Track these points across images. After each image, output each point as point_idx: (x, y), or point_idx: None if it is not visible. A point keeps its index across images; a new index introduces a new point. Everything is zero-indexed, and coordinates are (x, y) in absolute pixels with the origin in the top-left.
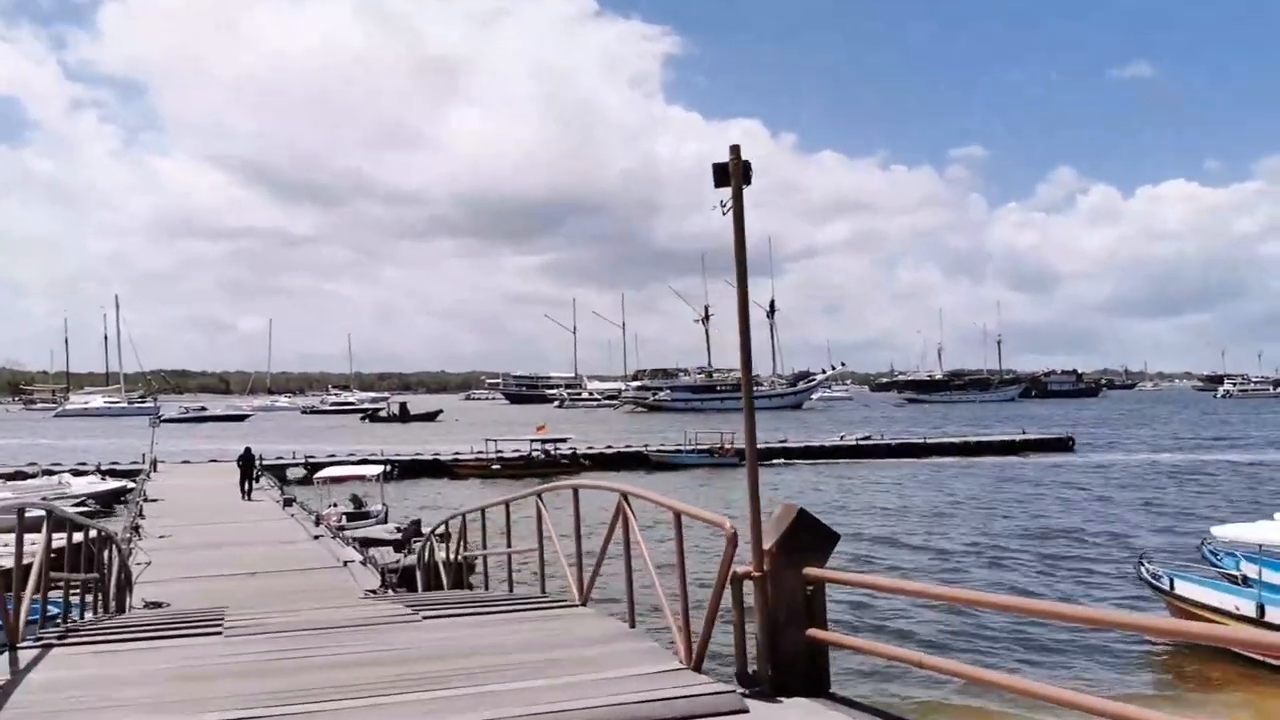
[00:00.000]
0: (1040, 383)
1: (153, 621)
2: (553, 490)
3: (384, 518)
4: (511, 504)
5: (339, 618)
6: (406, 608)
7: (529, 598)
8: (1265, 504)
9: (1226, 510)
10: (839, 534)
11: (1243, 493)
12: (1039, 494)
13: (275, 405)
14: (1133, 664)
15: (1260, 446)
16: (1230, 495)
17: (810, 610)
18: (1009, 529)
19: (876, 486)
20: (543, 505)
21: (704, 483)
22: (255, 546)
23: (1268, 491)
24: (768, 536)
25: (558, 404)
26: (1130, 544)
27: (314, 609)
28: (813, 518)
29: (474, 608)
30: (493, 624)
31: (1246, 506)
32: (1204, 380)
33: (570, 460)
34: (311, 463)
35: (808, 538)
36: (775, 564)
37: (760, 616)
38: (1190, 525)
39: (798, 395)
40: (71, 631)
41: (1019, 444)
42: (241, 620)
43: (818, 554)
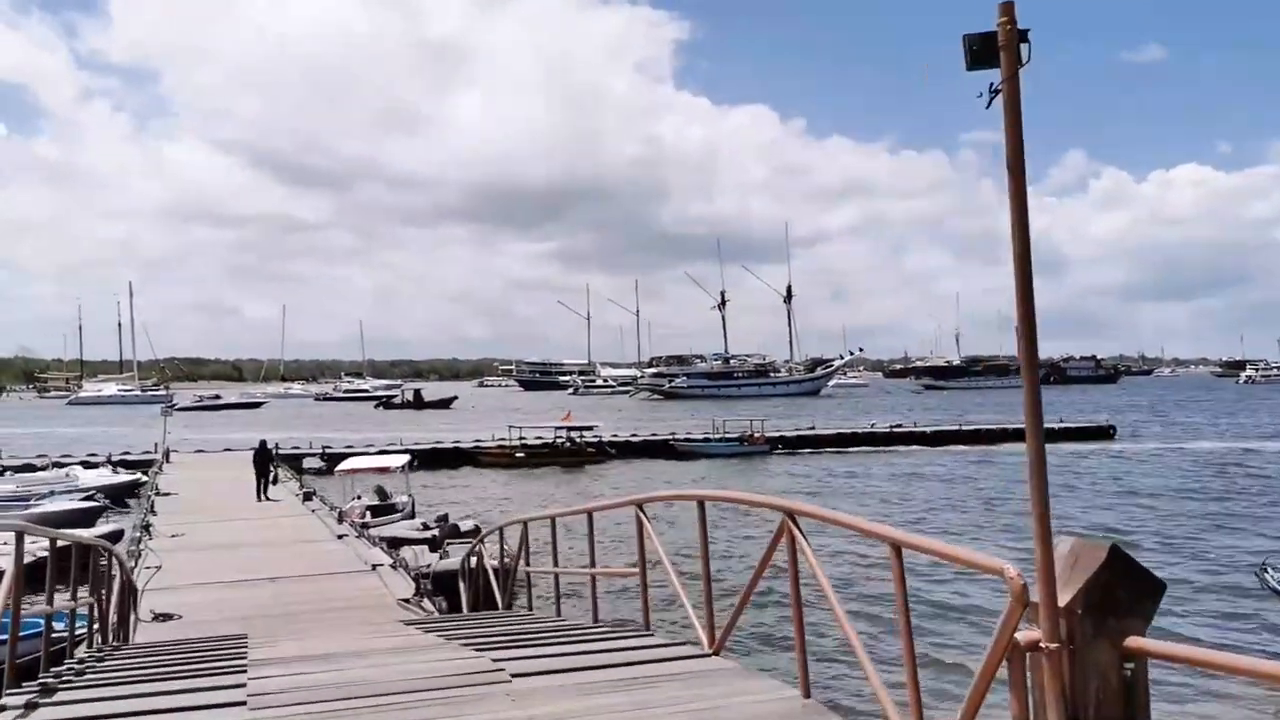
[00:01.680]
0: (1059, 369)
1: (155, 666)
2: (663, 500)
3: (410, 511)
4: (563, 515)
5: (394, 676)
6: (474, 651)
7: (631, 632)
8: None
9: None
10: (1164, 582)
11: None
12: (1092, 486)
13: (289, 393)
14: None
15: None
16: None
17: (1130, 699)
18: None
19: (938, 477)
20: (644, 516)
21: (737, 472)
22: (274, 547)
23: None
24: (1064, 588)
25: (572, 391)
26: (1216, 545)
27: (356, 646)
28: (1130, 560)
29: (565, 650)
30: (609, 690)
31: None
32: (1223, 366)
33: (596, 448)
34: (329, 453)
35: (1126, 591)
36: (1078, 630)
37: (1055, 706)
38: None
39: (815, 382)
40: (50, 686)
41: (1058, 432)
42: (267, 666)
43: (1139, 614)
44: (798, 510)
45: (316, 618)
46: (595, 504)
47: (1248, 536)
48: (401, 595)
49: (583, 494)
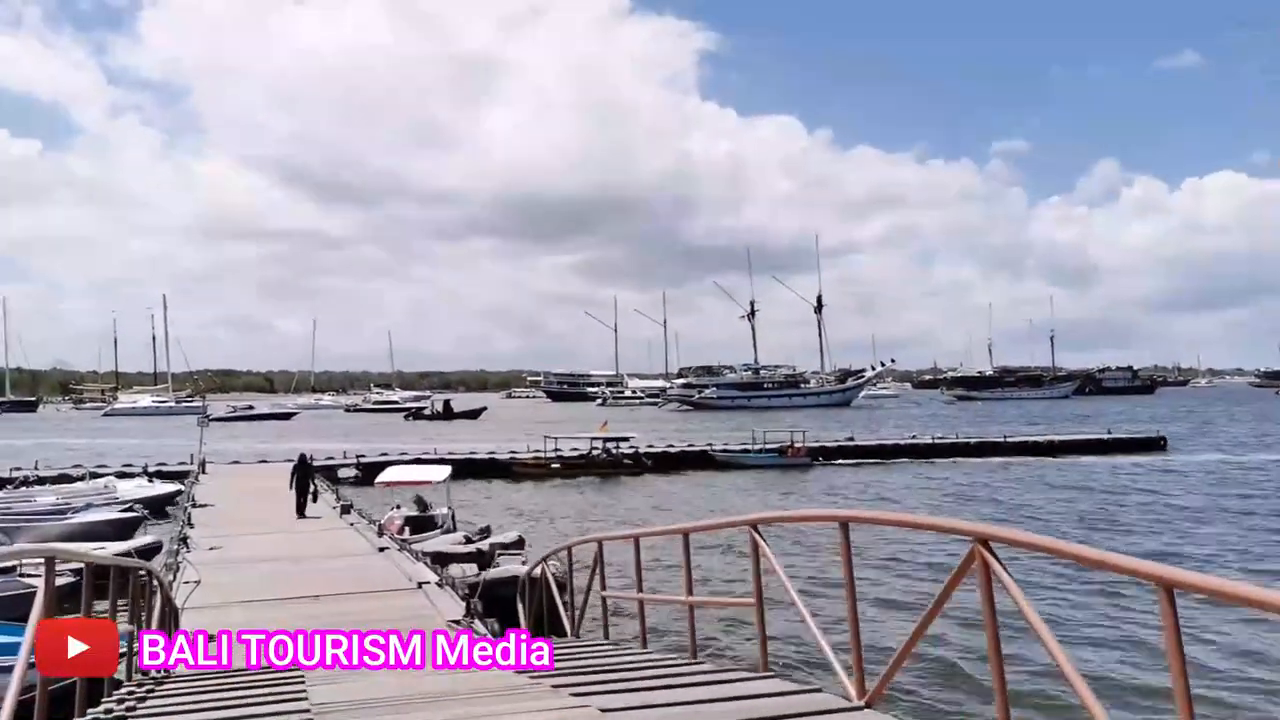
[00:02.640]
0: (1094, 379)
1: (206, 705)
2: (790, 521)
3: (451, 524)
4: (649, 535)
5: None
6: (572, 696)
7: (747, 673)
8: None
9: None
10: None
11: None
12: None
13: (319, 404)
14: None
15: None
16: None
17: None
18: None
19: (1006, 489)
20: (760, 538)
21: (783, 485)
22: (314, 562)
23: None
24: None
25: (600, 402)
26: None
27: (429, 687)
28: None
29: (680, 696)
30: None
31: None
32: (1262, 376)
33: (633, 460)
34: (364, 463)
35: None
36: None
37: None
38: None
39: (846, 393)
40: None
41: (1109, 443)
42: (334, 715)
43: None
44: (995, 536)
45: None
46: (694, 524)
47: None
48: (451, 616)
49: (621, 506)
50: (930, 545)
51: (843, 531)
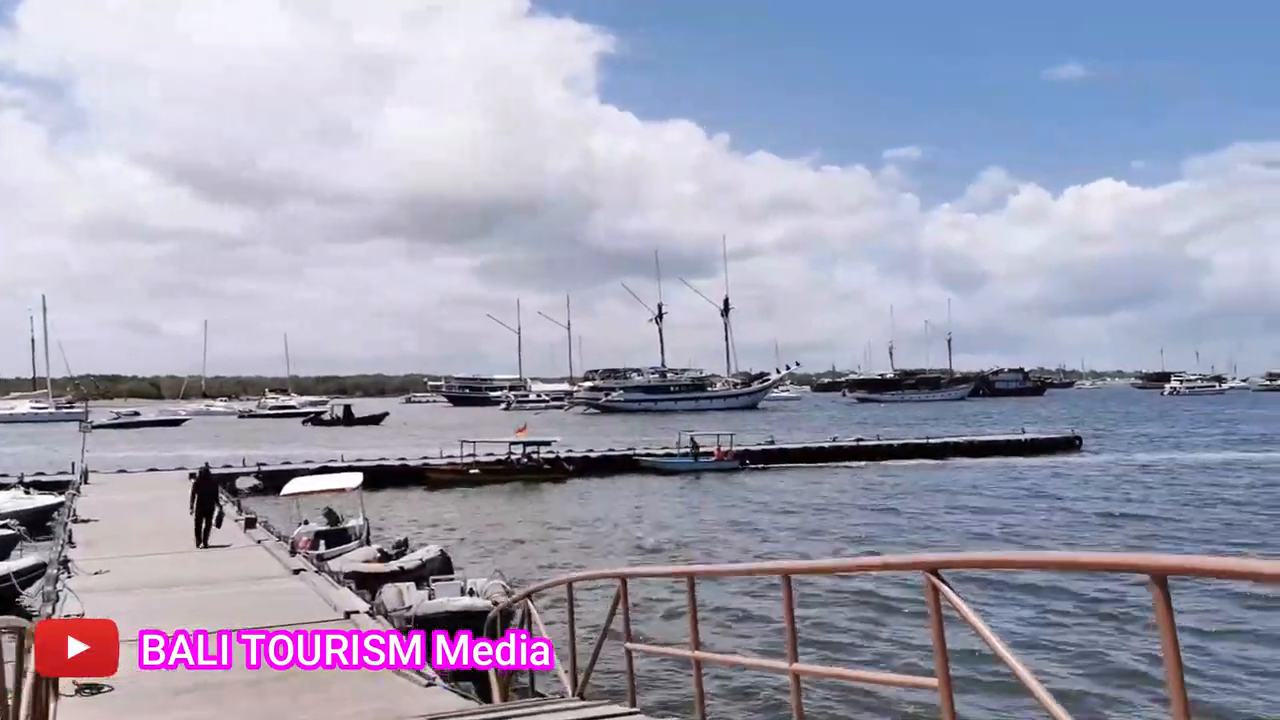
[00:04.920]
0: (988, 381)
1: None
2: (982, 568)
3: (366, 537)
4: (731, 574)
5: None
6: None
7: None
8: None
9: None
10: None
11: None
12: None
13: (211, 410)
14: None
15: (1271, 444)
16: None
17: None
18: None
19: (941, 491)
20: (943, 583)
21: (714, 491)
22: (219, 588)
23: None
24: None
25: (504, 406)
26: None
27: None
28: None
29: None
30: None
31: None
32: (1144, 378)
33: (553, 465)
34: (265, 471)
35: None
36: None
37: None
38: None
39: (753, 395)
40: None
41: (1025, 444)
42: None
43: None
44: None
45: (293, 698)
46: (808, 563)
47: None
48: None
49: (547, 513)
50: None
51: (1162, 593)
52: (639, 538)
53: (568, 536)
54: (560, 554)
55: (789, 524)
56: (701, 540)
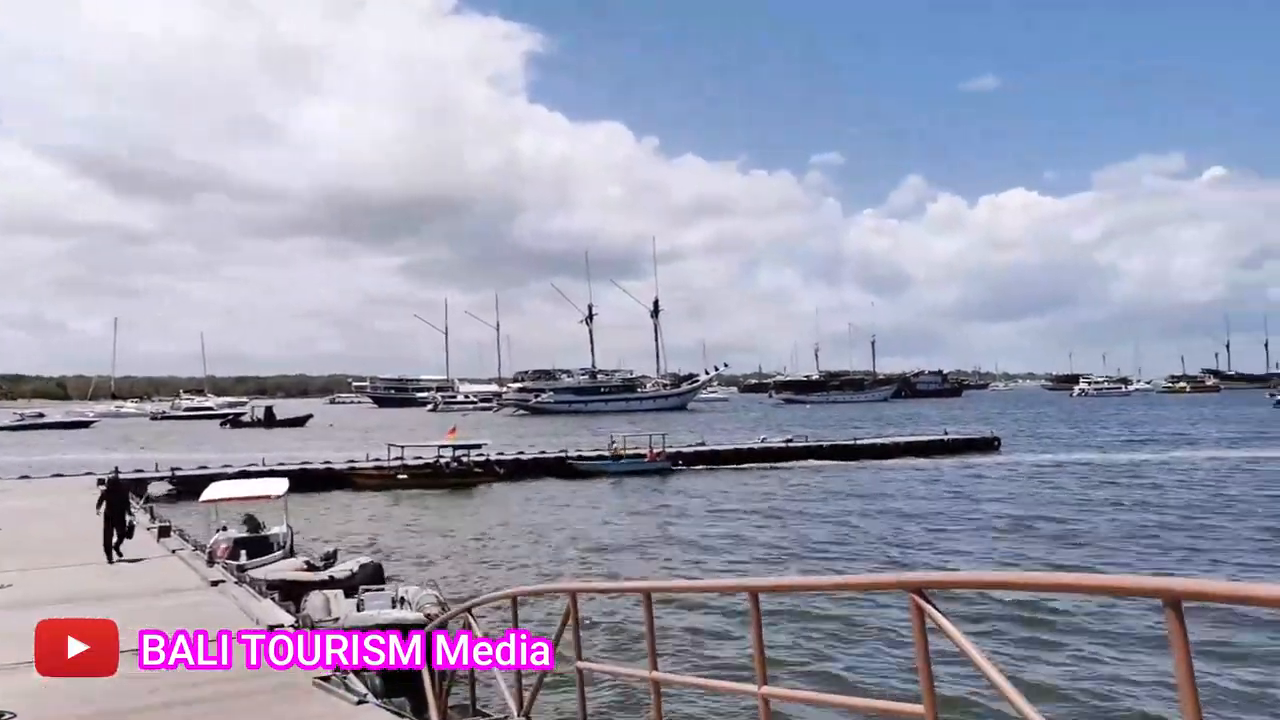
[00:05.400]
0: (910, 383)
1: None
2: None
3: (289, 547)
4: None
5: None
6: None
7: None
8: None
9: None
10: None
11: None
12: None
13: (121, 411)
14: None
15: (1177, 443)
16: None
17: None
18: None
19: (873, 494)
20: (928, 604)
21: (648, 493)
22: (130, 601)
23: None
24: None
25: (431, 407)
26: None
27: None
28: None
29: None
30: None
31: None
32: (1054, 380)
33: (484, 468)
34: (180, 476)
35: None
36: None
37: None
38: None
39: (682, 396)
40: None
41: (947, 444)
42: None
43: None
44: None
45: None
46: (779, 580)
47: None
48: (319, 673)
49: (479, 519)
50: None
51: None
52: (578, 544)
53: (503, 543)
54: (496, 562)
55: (732, 529)
56: (643, 547)
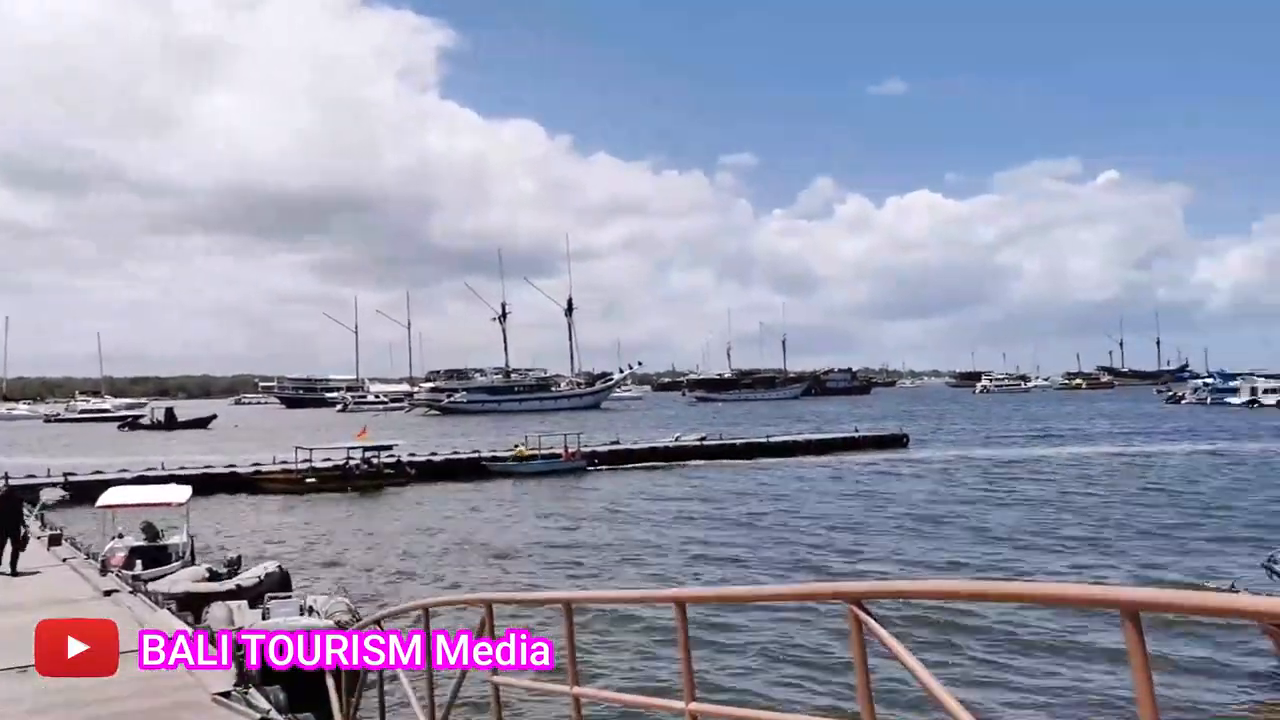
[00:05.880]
0: (820, 381)
1: None
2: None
3: (190, 555)
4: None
5: None
6: None
7: None
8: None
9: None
10: None
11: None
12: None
13: (12, 413)
14: None
15: (1075, 439)
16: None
17: None
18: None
19: (789, 492)
20: (866, 615)
21: (564, 493)
22: (16, 615)
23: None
24: None
25: (340, 408)
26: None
27: None
28: None
29: None
30: None
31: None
32: (958, 377)
33: (396, 470)
34: (74, 481)
35: None
36: None
37: None
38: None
39: (596, 395)
40: None
41: (858, 440)
42: None
43: None
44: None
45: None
46: (710, 590)
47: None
48: (217, 688)
49: (391, 523)
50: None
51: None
52: (492, 549)
53: (416, 548)
54: (408, 568)
55: (653, 533)
56: (561, 552)
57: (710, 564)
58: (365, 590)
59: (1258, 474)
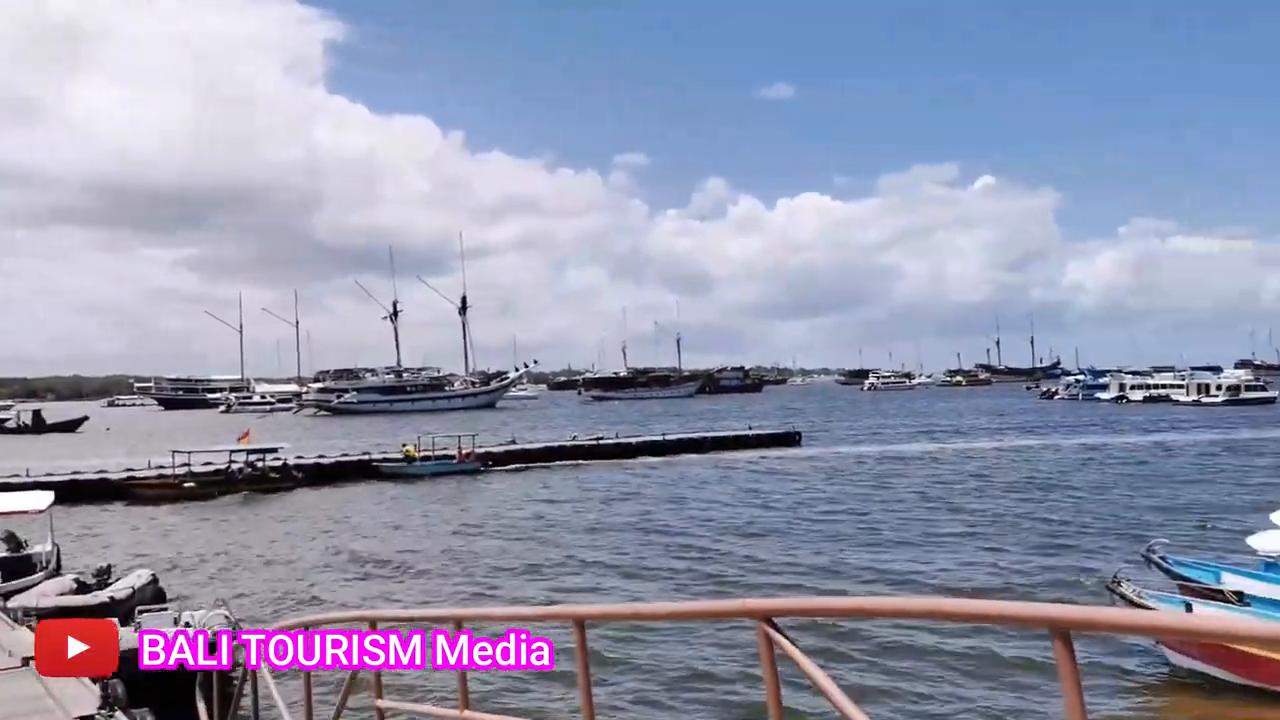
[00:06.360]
0: (714, 379)
1: None
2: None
3: (55, 566)
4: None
5: None
6: None
7: None
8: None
9: (1008, 497)
10: None
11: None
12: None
13: None
14: None
15: (961, 434)
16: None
17: None
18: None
19: (694, 492)
20: (777, 634)
21: (460, 496)
22: None
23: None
24: None
25: (223, 409)
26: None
27: None
28: None
29: None
30: None
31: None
32: (846, 375)
33: (281, 474)
34: None
35: None
36: None
37: None
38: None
39: (491, 394)
40: None
41: (751, 439)
42: None
43: None
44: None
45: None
46: (611, 608)
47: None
48: (80, 711)
49: (275, 530)
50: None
51: None
52: (381, 557)
53: (302, 556)
54: (291, 578)
55: (549, 538)
56: (454, 560)
57: (611, 574)
58: (245, 601)
59: (1132, 467)
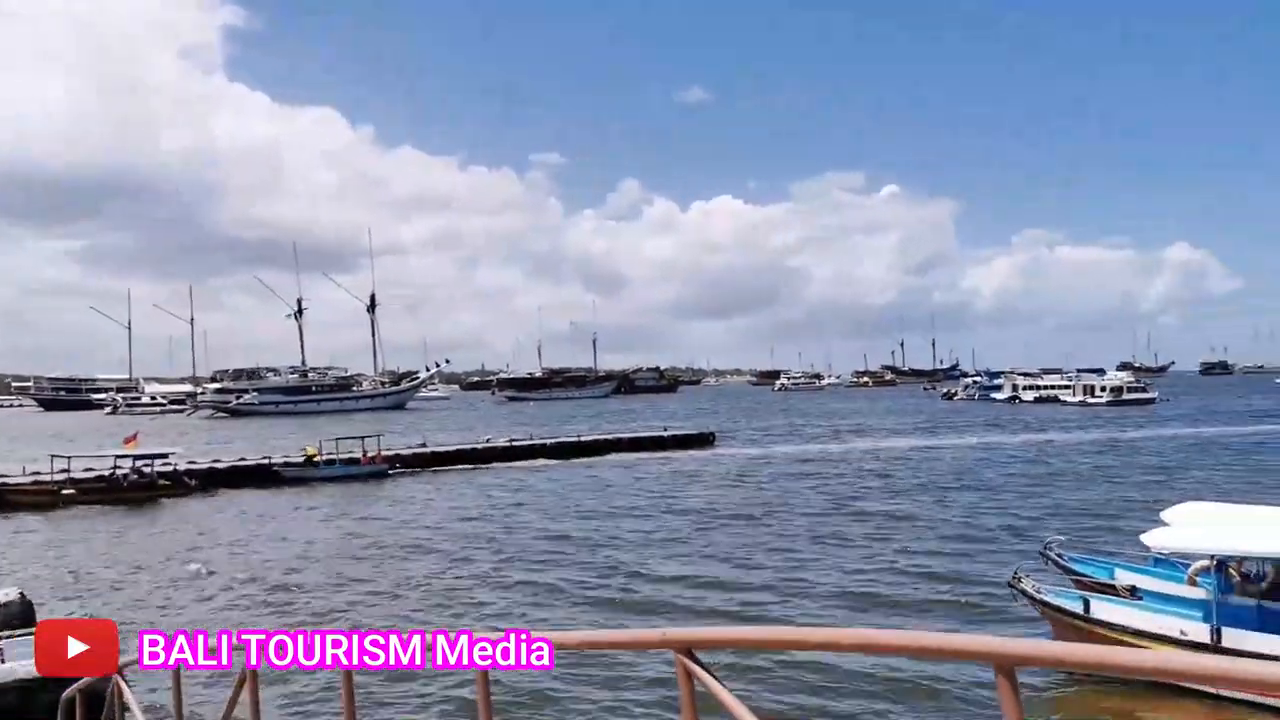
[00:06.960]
0: (629, 379)
1: None
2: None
3: None
4: None
5: None
6: None
7: None
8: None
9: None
10: None
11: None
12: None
13: None
14: None
15: (867, 434)
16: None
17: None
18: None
19: (613, 494)
20: (696, 665)
21: (364, 501)
22: None
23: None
24: None
25: (110, 410)
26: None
27: None
28: None
29: None
30: None
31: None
32: (758, 376)
33: (172, 480)
34: None
35: None
36: None
37: None
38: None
39: (400, 395)
40: None
41: (667, 440)
42: None
43: None
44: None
45: None
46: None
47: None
48: None
49: (163, 542)
50: None
51: None
52: (276, 571)
53: (190, 571)
54: (179, 594)
55: (456, 549)
56: (354, 575)
57: (520, 592)
58: (128, 623)
59: (1025, 465)
